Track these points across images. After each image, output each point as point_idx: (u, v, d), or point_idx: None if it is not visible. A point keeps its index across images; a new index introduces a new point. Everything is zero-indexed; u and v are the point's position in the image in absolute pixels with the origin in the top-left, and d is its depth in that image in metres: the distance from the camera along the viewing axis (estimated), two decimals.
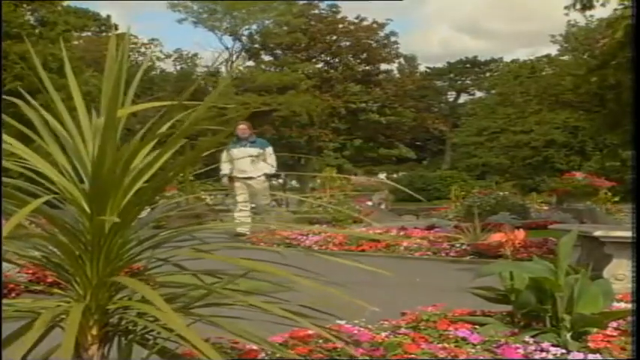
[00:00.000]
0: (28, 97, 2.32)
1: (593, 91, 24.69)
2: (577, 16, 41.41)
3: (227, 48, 50.47)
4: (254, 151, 11.92)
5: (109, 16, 44.57)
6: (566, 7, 21.00)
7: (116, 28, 40.86)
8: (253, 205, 11.35)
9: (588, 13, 23.18)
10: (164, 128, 2.30)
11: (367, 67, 51.44)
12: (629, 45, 17.15)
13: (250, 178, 11.74)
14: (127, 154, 2.09)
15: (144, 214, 2.44)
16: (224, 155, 11.69)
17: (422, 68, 58.54)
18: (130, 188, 2.13)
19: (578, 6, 20.15)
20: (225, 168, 11.77)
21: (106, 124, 1.97)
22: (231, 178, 11.78)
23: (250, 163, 11.63)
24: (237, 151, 11.84)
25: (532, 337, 3.13)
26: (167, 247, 2.33)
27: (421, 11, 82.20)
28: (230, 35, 49.57)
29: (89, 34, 43.31)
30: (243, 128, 12.06)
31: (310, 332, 2.85)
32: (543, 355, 2.95)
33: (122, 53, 2.20)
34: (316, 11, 50.02)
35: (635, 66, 8.99)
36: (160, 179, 2.22)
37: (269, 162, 12.12)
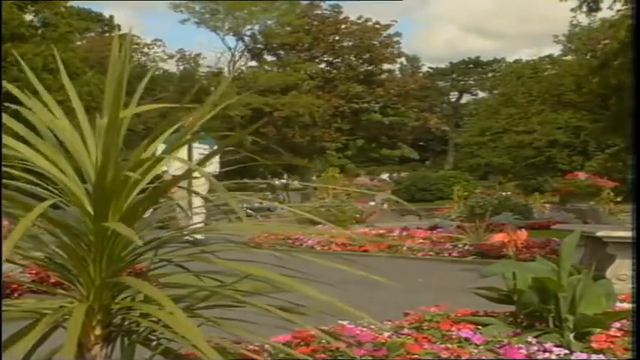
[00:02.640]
0: (29, 96, 2.31)
1: (595, 92, 24.72)
2: (580, 17, 41.34)
3: (230, 48, 50.50)
4: (202, 148, 10.56)
5: (111, 17, 44.65)
6: (572, 10, 21.03)
7: (119, 29, 40.93)
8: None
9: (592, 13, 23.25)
10: (170, 131, 2.31)
11: (370, 67, 51.41)
12: (631, 46, 17.15)
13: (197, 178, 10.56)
14: (132, 155, 2.09)
15: (147, 214, 2.44)
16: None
17: (424, 68, 58.63)
18: (133, 189, 2.13)
19: (584, 8, 20.20)
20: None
21: (109, 125, 1.98)
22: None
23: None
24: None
25: (535, 337, 3.12)
26: (170, 247, 2.33)
27: (427, 12, 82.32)
28: (233, 35, 49.61)
29: (92, 34, 43.37)
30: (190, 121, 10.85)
31: (313, 332, 2.86)
32: (546, 355, 2.95)
33: (125, 54, 2.20)
34: (319, 11, 50.01)
35: (636, 67, 9.00)
36: (162, 181, 2.23)
37: (213, 161, 11.17)
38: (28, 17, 26.38)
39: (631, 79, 16.56)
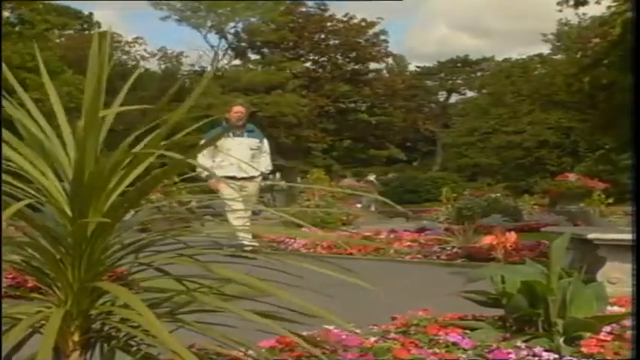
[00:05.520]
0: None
1: (586, 91, 24.84)
2: (569, 15, 41.63)
3: (212, 46, 50.46)
4: (253, 143, 9.39)
5: (91, 14, 44.47)
6: (558, 4, 21.18)
7: (99, 26, 40.81)
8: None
9: (581, 10, 23.42)
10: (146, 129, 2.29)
11: (356, 66, 51.51)
12: (623, 43, 17.26)
13: (251, 178, 9.07)
14: (114, 158, 2.08)
15: (128, 216, 2.43)
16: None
17: (412, 67, 58.77)
18: (113, 191, 2.13)
19: (571, 2, 20.31)
20: (206, 165, 8.51)
21: (87, 124, 1.97)
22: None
23: (250, 159, 9.12)
24: (233, 143, 9.10)
25: (524, 341, 3.13)
26: (151, 251, 2.33)
27: (416, 10, 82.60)
28: (216, 33, 49.58)
29: (71, 32, 43.19)
30: (239, 112, 9.33)
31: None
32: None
33: (105, 52, 2.19)
34: (304, 9, 50.07)
35: (635, 65, 9.06)
36: (144, 182, 2.22)
37: (267, 159, 9.53)
38: (4, 14, 26.25)
39: (622, 76, 16.67)
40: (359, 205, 19.77)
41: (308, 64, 50.87)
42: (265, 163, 9.46)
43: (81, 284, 2.10)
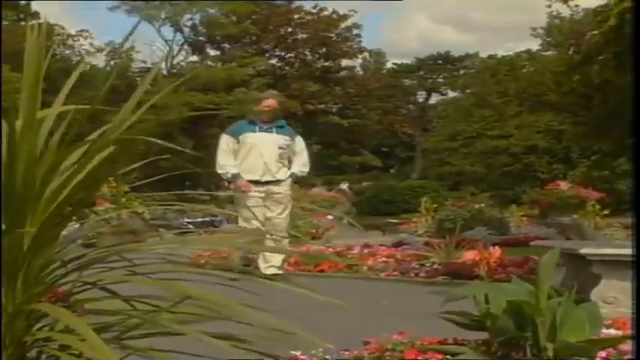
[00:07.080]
0: None
1: (578, 91, 25.09)
2: (560, 7, 42.02)
3: (167, 41, 50.25)
4: (282, 140, 8.91)
5: (28, 3, 44.02)
6: None
7: (37, 17, 40.44)
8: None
9: (572, 2, 23.70)
10: (96, 134, 2.28)
11: (327, 64, 51.56)
12: (618, 38, 17.46)
13: (277, 181, 8.71)
14: (49, 161, 2.06)
15: (71, 229, 2.41)
16: (226, 142, 8.81)
17: (389, 65, 58.90)
18: (52, 200, 2.10)
19: None
20: (228, 162, 8.71)
21: (24, 127, 1.95)
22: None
23: (278, 158, 8.76)
24: (257, 138, 8.74)
25: None
26: (97, 268, 2.31)
27: (398, 1, 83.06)
28: (171, 26, 49.38)
29: (6, 23, 42.76)
30: (270, 105, 8.89)
31: None
32: None
33: (43, 45, 2.17)
34: None
35: (635, 64, 9.19)
36: (87, 189, 2.20)
37: (301, 158, 9.04)
38: None
39: (623, 76, 16.86)
40: (330, 217, 19.77)
41: (273, 61, 50.84)
42: (300, 162, 8.98)
43: (15, 307, 2.07)
